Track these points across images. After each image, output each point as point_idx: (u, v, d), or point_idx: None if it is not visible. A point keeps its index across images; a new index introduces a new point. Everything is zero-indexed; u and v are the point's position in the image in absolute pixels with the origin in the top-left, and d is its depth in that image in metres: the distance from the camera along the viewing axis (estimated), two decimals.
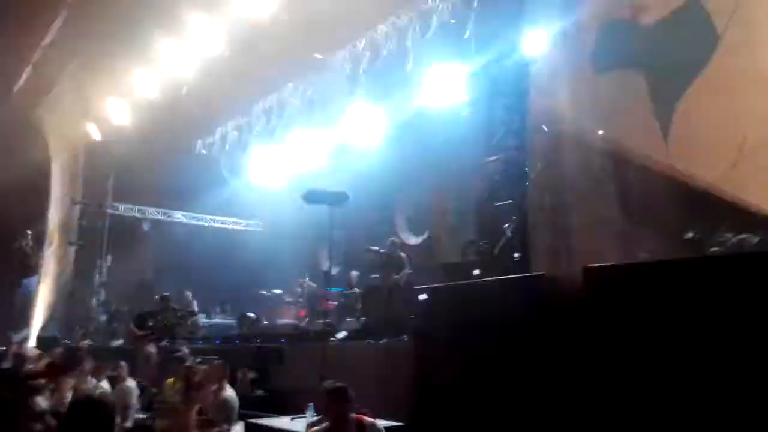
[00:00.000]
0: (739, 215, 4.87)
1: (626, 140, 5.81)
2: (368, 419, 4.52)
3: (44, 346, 11.85)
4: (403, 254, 9.76)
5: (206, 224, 16.73)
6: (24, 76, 14.15)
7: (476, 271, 6.99)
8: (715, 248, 4.89)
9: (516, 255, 6.60)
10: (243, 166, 13.87)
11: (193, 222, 16.59)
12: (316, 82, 11.77)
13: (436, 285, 6.24)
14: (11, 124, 14.59)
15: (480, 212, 7.90)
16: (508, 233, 6.81)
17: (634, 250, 5.35)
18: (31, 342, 13.92)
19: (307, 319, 11.47)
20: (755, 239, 4.74)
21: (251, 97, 12.94)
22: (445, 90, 8.80)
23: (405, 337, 6.98)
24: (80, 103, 13.94)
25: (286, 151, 12.51)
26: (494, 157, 7.37)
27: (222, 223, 17.05)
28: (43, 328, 14.93)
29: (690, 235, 5.16)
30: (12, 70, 13.87)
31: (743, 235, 4.81)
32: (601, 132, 6.03)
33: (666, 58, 5.76)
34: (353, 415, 4.40)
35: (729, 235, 4.90)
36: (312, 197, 8.09)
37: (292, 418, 5.85)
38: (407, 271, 9.47)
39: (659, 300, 3.71)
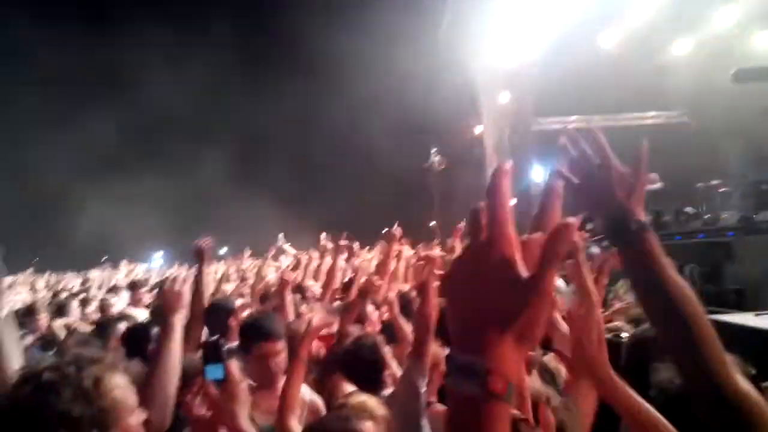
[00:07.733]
0: None
1: None
2: None
3: None
4: None
5: (623, 123, 16.42)
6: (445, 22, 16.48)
7: None
8: None
9: None
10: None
11: (611, 123, 16.50)
12: None
13: None
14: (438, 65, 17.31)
15: None
16: None
17: None
18: None
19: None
20: None
21: None
22: None
23: None
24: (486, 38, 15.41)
25: None
26: None
27: (638, 120, 16.49)
28: None
29: None
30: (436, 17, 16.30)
31: None
32: None
33: None
34: None
35: None
36: (745, 75, 7.00)
37: (757, 314, 5.57)
38: None
39: None
